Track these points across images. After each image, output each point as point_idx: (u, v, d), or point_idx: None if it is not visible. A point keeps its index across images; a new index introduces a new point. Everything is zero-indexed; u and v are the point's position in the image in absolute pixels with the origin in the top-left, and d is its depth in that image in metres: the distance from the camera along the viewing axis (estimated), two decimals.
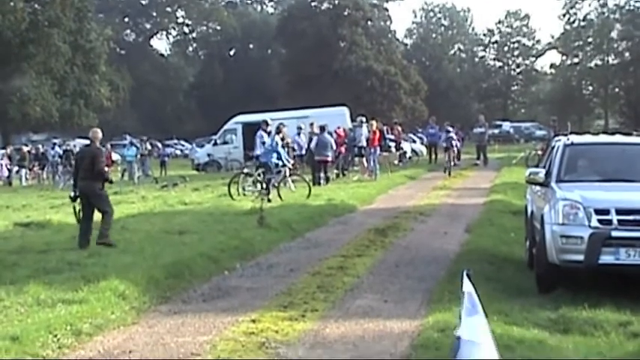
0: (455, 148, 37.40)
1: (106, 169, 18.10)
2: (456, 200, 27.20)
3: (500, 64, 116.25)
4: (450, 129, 40.07)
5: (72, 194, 17.42)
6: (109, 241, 16.74)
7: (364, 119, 37.58)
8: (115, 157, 50.61)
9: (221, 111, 73.15)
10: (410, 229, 19.89)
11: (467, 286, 6.10)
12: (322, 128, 33.90)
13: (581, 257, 11.63)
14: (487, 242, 17.08)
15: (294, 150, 31.70)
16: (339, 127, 39.47)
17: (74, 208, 17.41)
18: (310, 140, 34.90)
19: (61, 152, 49.64)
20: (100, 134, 17.72)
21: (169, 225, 19.95)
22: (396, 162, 43.63)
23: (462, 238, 18.40)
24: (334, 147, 33.70)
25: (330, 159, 33.66)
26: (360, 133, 36.16)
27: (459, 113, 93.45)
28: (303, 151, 35.18)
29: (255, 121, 35.91)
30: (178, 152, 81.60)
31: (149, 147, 53.33)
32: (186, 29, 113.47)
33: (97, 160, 17.08)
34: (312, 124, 35.70)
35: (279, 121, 31.73)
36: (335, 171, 36.55)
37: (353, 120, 42.71)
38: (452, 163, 36.50)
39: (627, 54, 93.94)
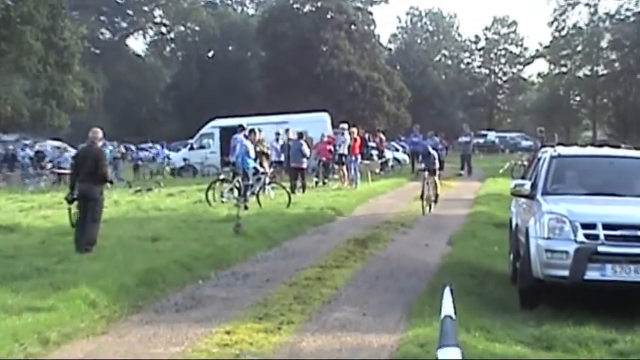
0: (437, 179, 28.95)
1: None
2: (438, 211, 27.06)
3: (487, 71, 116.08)
4: (432, 145, 32.50)
5: (69, 196, 17.22)
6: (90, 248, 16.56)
7: (346, 126, 37.39)
8: None
9: (198, 114, 72.81)
10: (390, 240, 19.80)
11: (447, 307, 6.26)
12: (300, 135, 33.80)
13: (566, 272, 11.59)
14: (469, 255, 17.12)
15: (267, 157, 31.54)
16: (324, 134, 39.74)
17: (69, 210, 17.28)
18: (287, 147, 34.84)
19: (31, 154, 49.37)
20: (100, 134, 17.38)
21: (142, 231, 19.74)
22: (377, 170, 43.36)
23: (444, 250, 18.40)
24: (307, 154, 33.36)
25: (304, 166, 33.50)
26: (342, 140, 36.00)
27: (443, 121, 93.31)
28: (282, 158, 35.05)
29: (232, 125, 35.75)
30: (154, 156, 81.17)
31: (123, 150, 53.02)
32: (163, 29, 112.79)
33: (101, 163, 16.92)
34: (287, 131, 35.67)
35: (257, 126, 31.82)
36: (315, 179, 36.41)
37: (334, 126, 42.79)
38: (435, 196, 28.45)
39: (617, 64, 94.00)
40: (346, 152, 35.83)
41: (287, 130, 35.77)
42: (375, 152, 45.41)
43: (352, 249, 17.91)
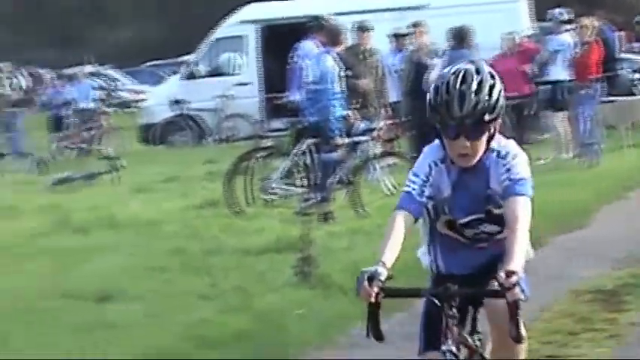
0: None
1: None
2: None
3: None
4: None
5: None
6: None
7: (566, 15, 21.13)
8: None
9: None
10: None
11: None
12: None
13: None
14: None
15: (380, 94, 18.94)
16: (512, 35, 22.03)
17: None
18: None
19: None
20: None
21: (75, 278, 11.33)
22: None
23: None
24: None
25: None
26: (555, 47, 20.52)
27: None
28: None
29: (289, 18, 23.89)
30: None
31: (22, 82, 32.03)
32: None
33: None
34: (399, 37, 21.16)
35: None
36: None
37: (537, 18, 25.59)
38: None
39: None
40: (567, 78, 20.27)
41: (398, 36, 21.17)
42: None
43: None
